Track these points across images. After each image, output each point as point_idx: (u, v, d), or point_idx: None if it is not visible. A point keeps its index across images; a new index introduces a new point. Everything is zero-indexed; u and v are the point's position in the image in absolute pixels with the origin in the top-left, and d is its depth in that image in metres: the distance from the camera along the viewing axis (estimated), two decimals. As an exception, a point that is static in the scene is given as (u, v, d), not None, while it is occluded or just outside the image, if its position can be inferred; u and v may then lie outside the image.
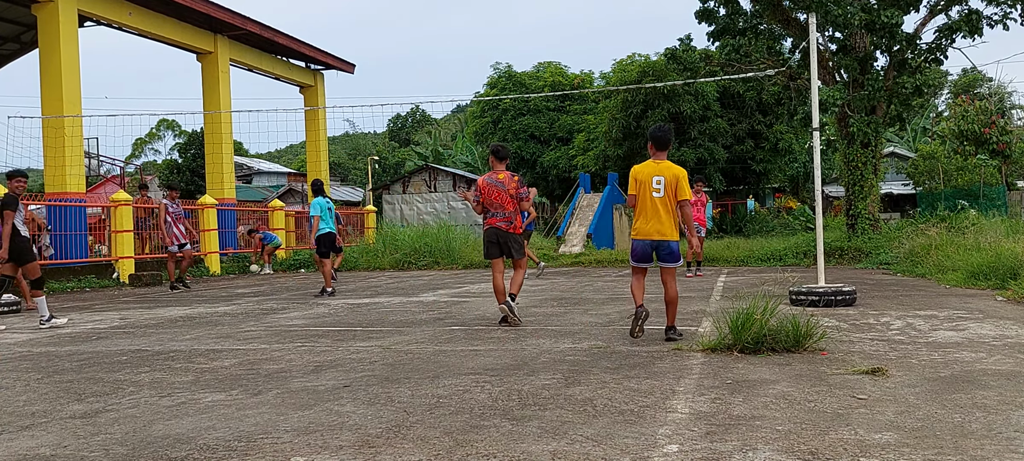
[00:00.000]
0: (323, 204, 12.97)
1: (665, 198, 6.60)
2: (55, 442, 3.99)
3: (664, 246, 6.62)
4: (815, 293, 8.93)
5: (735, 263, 17.78)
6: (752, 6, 17.91)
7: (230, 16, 21.49)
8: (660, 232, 6.58)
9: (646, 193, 6.61)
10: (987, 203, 24.39)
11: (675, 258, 6.67)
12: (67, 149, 17.08)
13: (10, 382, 5.68)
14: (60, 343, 7.73)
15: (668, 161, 6.75)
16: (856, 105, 16.83)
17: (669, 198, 6.61)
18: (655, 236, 6.58)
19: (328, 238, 12.89)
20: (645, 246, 6.64)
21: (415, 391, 4.94)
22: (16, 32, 22.08)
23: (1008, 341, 6.23)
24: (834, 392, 4.59)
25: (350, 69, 28.41)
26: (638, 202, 6.68)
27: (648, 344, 6.54)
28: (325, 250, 12.86)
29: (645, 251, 6.66)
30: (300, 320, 9.17)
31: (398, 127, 72.11)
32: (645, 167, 6.71)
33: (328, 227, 12.86)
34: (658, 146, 6.74)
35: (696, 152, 26.01)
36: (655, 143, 6.74)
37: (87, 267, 17.13)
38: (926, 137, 40.62)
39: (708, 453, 3.49)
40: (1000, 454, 3.37)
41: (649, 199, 6.60)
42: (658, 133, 6.76)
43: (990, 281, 10.71)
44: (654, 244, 6.61)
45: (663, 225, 6.59)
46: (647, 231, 6.61)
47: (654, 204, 6.59)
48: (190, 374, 5.79)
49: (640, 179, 6.65)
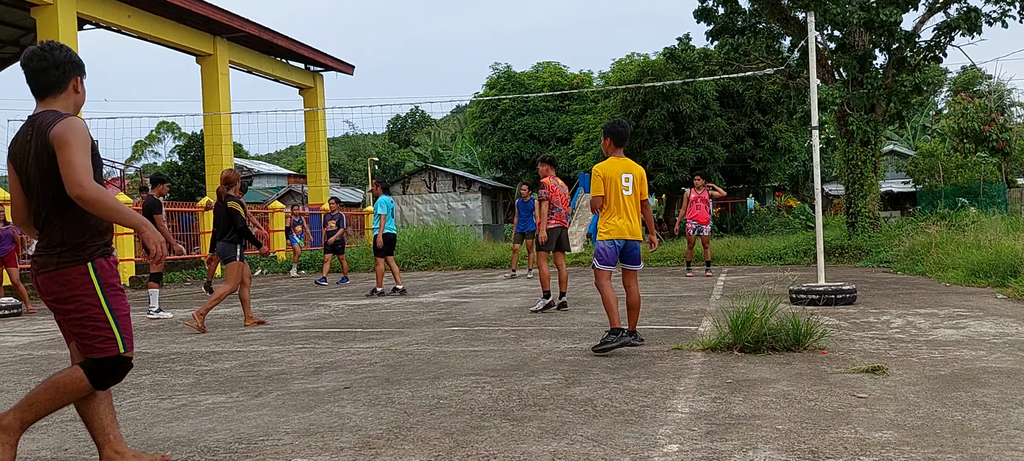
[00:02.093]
0: (389, 203, 12.79)
1: (633, 196, 6.34)
2: (56, 445, 4.00)
3: (633, 247, 6.32)
4: (815, 292, 8.93)
5: (735, 262, 17.78)
6: (751, 5, 17.90)
7: (229, 18, 21.50)
8: (631, 231, 6.28)
9: (617, 191, 6.28)
10: (987, 201, 24.40)
11: (639, 261, 6.41)
12: (67, 152, 17.08)
13: (11, 385, 5.69)
14: (60, 346, 7.73)
15: (628, 159, 6.47)
16: (855, 103, 16.83)
17: (636, 196, 6.37)
18: (627, 235, 6.26)
19: (392, 238, 12.85)
20: (615, 247, 6.27)
21: (415, 392, 4.94)
22: (15, 35, 22.08)
23: (1008, 339, 6.23)
24: (834, 391, 4.59)
25: (349, 70, 28.42)
26: (608, 200, 6.30)
27: (648, 344, 6.53)
28: (386, 250, 12.74)
29: (615, 252, 6.29)
30: (300, 322, 9.17)
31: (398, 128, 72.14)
32: (612, 165, 6.35)
33: (390, 228, 12.80)
34: (618, 142, 6.44)
35: (696, 151, 26.00)
36: (616, 139, 6.44)
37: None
38: (926, 135, 40.62)
39: (708, 452, 3.49)
40: (1000, 452, 3.37)
41: (619, 197, 6.28)
42: (620, 128, 6.46)
43: (990, 279, 10.71)
44: (624, 244, 6.28)
45: (634, 224, 6.32)
46: (621, 229, 6.26)
47: (626, 202, 6.29)
48: (190, 376, 5.79)
49: (609, 177, 6.29)
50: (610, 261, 6.30)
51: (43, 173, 3.17)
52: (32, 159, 3.18)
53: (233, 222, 8.64)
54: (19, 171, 3.27)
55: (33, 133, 3.20)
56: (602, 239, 6.33)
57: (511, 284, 13.99)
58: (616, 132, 6.45)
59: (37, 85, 3.29)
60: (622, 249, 6.30)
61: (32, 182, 3.22)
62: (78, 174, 3.04)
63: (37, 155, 3.16)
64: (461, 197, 33.66)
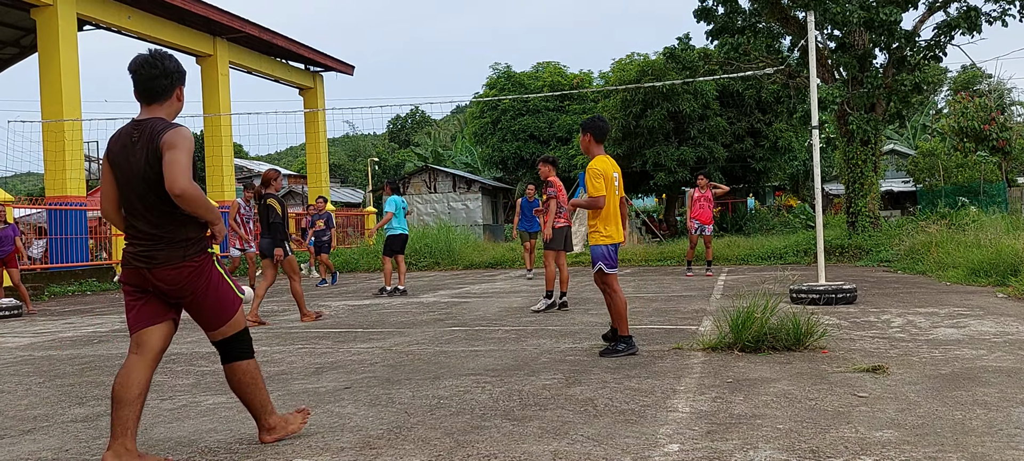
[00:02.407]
0: (400, 203, 12.68)
1: (619, 195, 6.25)
2: (57, 446, 4.00)
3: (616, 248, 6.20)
4: (816, 291, 8.93)
5: (735, 261, 17.78)
6: (751, 4, 17.90)
7: (229, 19, 21.50)
8: (621, 233, 6.19)
9: (613, 191, 6.09)
10: (987, 200, 24.41)
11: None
12: (67, 153, 17.09)
13: (11, 386, 5.69)
14: (61, 347, 7.73)
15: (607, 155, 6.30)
16: (855, 103, 16.83)
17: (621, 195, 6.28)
18: (620, 238, 6.14)
19: (401, 239, 12.69)
20: (616, 249, 6.13)
21: (416, 392, 4.94)
22: (15, 36, 22.09)
23: (1009, 338, 6.23)
24: (835, 390, 4.59)
25: (349, 71, 28.41)
26: (607, 201, 6.07)
27: (649, 344, 6.54)
28: (393, 250, 12.62)
29: (616, 255, 6.14)
30: (300, 322, 9.16)
31: (397, 128, 72.08)
32: (606, 163, 6.11)
33: (401, 228, 12.65)
34: (599, 138, 6.22)
35: (696, 151, 25.98)
36: (597, 134, 6.21)
37: (88, 270, 17.15)
38: (926, 134, 40.60)
39: (709, 452, 3.49)
40: (1001, 451, 3.37)
41: (614, 197, 6.11)
42: (602, 124, 6.24)
43: (990, 278, 10.70)
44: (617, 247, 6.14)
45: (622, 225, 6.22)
46: (620, 235, 6.14)
47: (618, 203, 6.16)
48: (191, 377, 5.79)
49: (609, 176, 6.07)
50: (616, 264, 6.14)
51: (154, 176, 3.43)
52: (142, 162, 3.44)
53: (267, 218, 8.93)
54: (116, 168, 3.53)
55: (140, 137, 3.46)
56: (604, 243, 6.09)
57: (511, 284, 13.99)
58: (598, 127, 6.23)
59: (146, 92, 3.54)
60: None
61: (133, 182, 3.48)
62: (180, 174, 3.34)
63: (148, 159, 3.43)
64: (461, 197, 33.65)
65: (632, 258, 18.83)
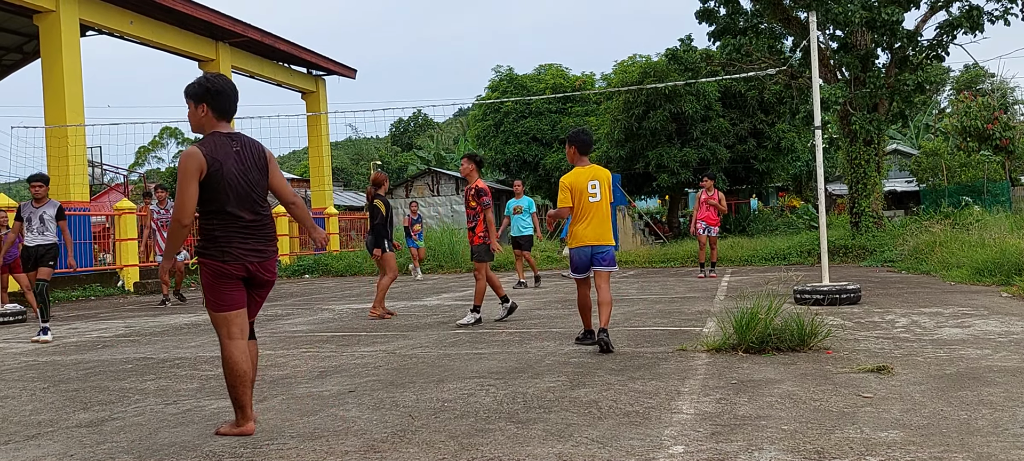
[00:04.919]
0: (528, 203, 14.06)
1: (601, 202, 6.53)
2: (61, 451, 4.00)
3: (605, 251, 6.50)
4: (819, 291, 8.92)
5: (739, 262, 17.75)
6: (752, 5, 17.90)
7: (231, 23, 21.53)
8: (599, 237, 6.48)
9: (583, 200, 6.50)
10: (991, 199, 24.34)
11: (613, 262, 6.59)
12: (70, 158, 17.12)
13: (16, 392, 5.69)
14: (65, 352, 7.74)
15: (593, 164, 6.68)
16: (858, 103, 16.81)
17: (605, 201, 6.55)
18: (592, 241, 6.46)
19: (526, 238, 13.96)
20: (586, 254, 6.49)
21: (420, 395, 4.94)
22: (18, 42, 22.14)
23: (1014, 337, 6.21)
24: (839, 391, 4.59)
25: (351, 74, 28.43)
26: (576, 210, 6.53)
27: (652, 345, 6.53)
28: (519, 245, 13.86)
29: (586, 260, 6.51)
30: (304, 326, 9.17)
31: (400, 131, 72.13)
32: (577, 174, 6.56)
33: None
34: (583, 150, 6.66)
35: (699, 152, 25.96)
36: (581, 147, 6.66)
37: (92, 275, 17.17)
38: (929, 134, 40.55)
39: (714, 453, 3.48)
40: (1007, 451, 3.36)
41: (587, 205, 6.49)
42: (585, 137, 6.69)
43: (995, 277, 10.67)
44: (594, 250, 6.47)
45: (602, 229, 6.51)
46: (587, 237, 6.47)
47: (593, 209, 6.49)
48: (195, 381, 5.80)
49: (576, 188, 6.50)
50: (582, 269, 6.56)
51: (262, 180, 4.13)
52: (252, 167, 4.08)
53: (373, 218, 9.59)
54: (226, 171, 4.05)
55: (242, 146, 4.10)
56: (573, 247, 6.59)
57: (514, 288, 13.95)
58: (581, 140, 6.67)
59: (230, 110, 4.16)
60: (592, 255, 6.50)
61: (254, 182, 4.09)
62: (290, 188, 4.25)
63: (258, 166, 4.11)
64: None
65: (635, 260, 18.80)
